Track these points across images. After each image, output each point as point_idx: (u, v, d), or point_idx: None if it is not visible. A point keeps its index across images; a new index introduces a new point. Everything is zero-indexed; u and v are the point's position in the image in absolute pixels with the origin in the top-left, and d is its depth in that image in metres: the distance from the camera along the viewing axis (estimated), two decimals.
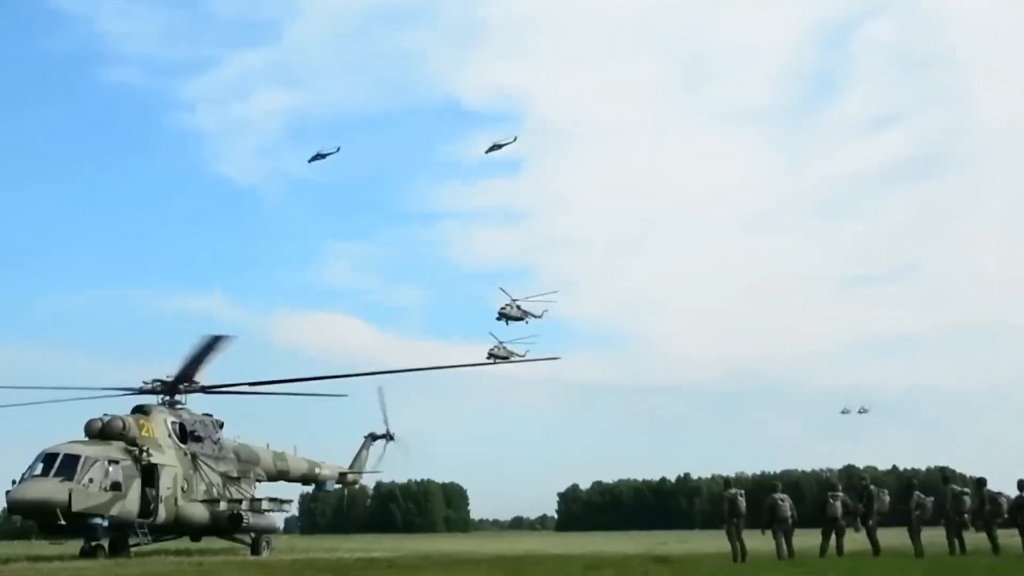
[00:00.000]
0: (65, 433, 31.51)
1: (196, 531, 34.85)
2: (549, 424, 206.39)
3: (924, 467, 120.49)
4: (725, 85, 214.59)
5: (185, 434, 33.94)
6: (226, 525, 33.96)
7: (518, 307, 42.76)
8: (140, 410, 33.50)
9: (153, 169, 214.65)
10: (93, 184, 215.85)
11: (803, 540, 25.89)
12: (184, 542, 36.23)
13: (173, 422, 33.79)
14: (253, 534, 34.77)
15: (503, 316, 42.85)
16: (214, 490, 34.40)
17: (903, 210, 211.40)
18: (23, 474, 29.23)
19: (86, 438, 31.16)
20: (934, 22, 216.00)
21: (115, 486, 29.99)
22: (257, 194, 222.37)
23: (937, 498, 25.47)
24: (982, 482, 25.77)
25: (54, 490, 28.45)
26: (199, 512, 33.45)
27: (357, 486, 54.23)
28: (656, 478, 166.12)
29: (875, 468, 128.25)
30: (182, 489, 32.81)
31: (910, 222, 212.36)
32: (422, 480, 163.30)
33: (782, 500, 24.50)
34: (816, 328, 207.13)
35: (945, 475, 29.72)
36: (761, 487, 63.92)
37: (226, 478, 35.35)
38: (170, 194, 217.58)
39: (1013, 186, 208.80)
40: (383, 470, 48.48)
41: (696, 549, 33.29)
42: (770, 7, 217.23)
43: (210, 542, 36.80)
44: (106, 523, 29.82)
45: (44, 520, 29.50)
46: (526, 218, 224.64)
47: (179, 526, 33.57)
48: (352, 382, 38.68)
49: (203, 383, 35.59)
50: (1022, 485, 24.07)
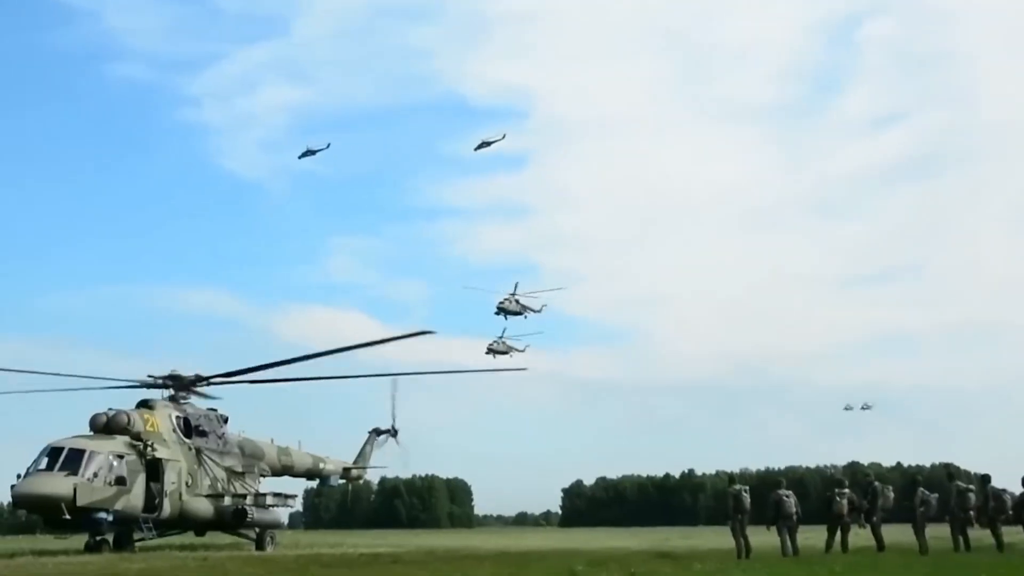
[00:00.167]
0: (70, 428, 31.64)
1: (200, 526, 34.92)
2: (553, 420, 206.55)
3: (928, 464, 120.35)
4: (727, 83, 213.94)
5: (189, 429, 33.98)
6: (230, 520, 34.00)
7: (517, 301, 42.64)
8: (145, 405, 33.53)
9: (157, 165, 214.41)
10: (97, 180, 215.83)
11: (807, 536, 25.89)
12: (189, 537, 36.32)
13: (177, 417, 33.82)
14: (257, 529, 34.80)
15: (501, 311, 42.70)
16: (218, 485, 34.43)
17: (905, 209, 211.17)
18: (28, 468, 29.27)
19: (91, 433, 31.20)
20: (936, 20, 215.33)
21: (120, 481, 30.03)
22: (261, 189, 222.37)
23: (941, 495, 25.45)
24: (986, 479, 25.73)
25: (59, 485, 28.48)
26: (203, 507, 33.50)
27: (361, 481, 54.32)
28: (660, 474, 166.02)
29: (879, 465, 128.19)
30: (186, 484, 32.85)
31: (912, 221, 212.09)
32: (426, 475, 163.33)
33: (787, 496, 24.53)
34: (819, 326, 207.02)
35: (950, 472, 29.71)
36: (765, 483, 63.83)
37: (230, 473, 35.39)
38: (174, 189, 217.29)
39: (1014, 185, 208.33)
40: (387, 465, 48.56)
41: (700, 545, 33.29)
42: (773, 5, 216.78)
43: (214, 537, 36.86)
44: (111, 518, 29.86)
45: (49, 514, 29.57)
46: (529, 214, 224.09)
47: (183, 521, 33.64)
48: (353, 381, 38.52)
49: (205, 376, 35.62)
50: None
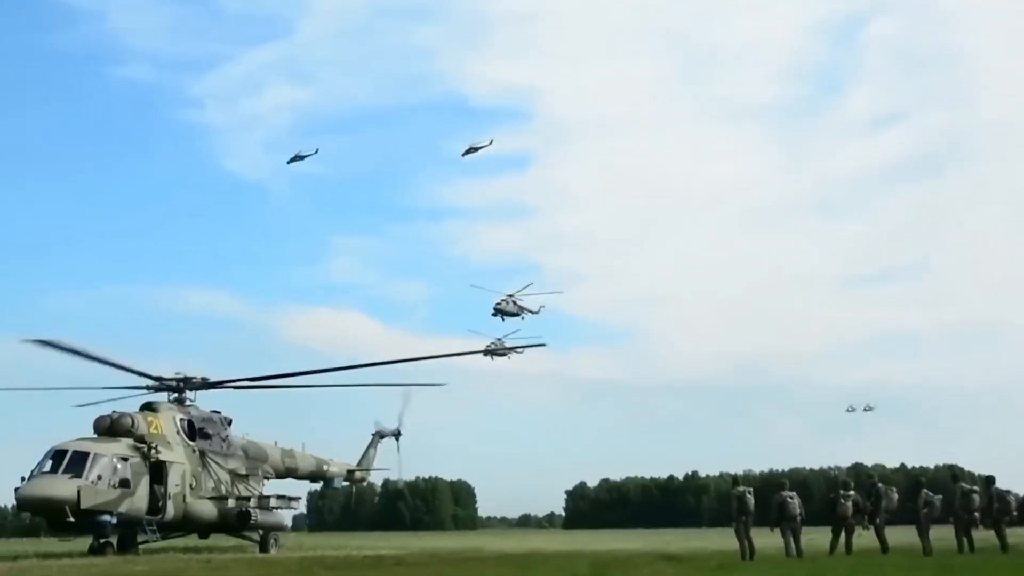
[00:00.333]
0: (74, 430, 31.66)
1: (204, 528, 34.90)
2: (557, 422, 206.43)
3: (932, 465, 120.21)
4: (728, 83, 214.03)
5: (193, 431, 33.99)
6: (234, 522, 33.98)
7: (514, 302, 42.28)
8: (149, 407, 33.54)
9: (159, 165, 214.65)
10: (100, 180, 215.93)
11: (811, 538, 25.87)
12: (192, 539, 36.31)
13: (181, 419, 33.82)
14: (261, 531, 34.81)
15: (499, 312, 42.36)
16: (222, 487, 34.43)
17: (906, 209, 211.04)
18: (32, 471, 29.24)
19: (95, 435, 31.20)
20: (937, 20, 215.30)
21: (124, 483, 30.00)
22: (264, 189, 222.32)
23: (946, 496, 25.44)
24: (991, 480, 25.72)
25: (63, 487, 28.45)
26: (207, 509, 33.49)
27: (365, 483, 54.32)
28: (664, 476, 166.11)
29: (883, 466, 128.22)
30: (190, 486, 32.83)
31: (913, 221, 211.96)
32: (430, 478, 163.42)
33: (791, 498, 24.50)
34: (820, 326, 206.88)
35: (954, 473, 29.72)
36: (769, 485, 63.73)
37: (234, 475, 35.38)
38: (176, 190, 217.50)
39: (1016, 185, 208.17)
40: (390, 467, 48.56)
41: (704, 547, 33.28)
42: (773, 5, 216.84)
43: (218, 539, 36.87)
44: (115, 520, 29.81)
45: (53, 517, 29.56)
46: (530, 215, 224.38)
47: (187, 523, 33.62)
48: (357, 377, 38.48)
49: (211, 379, 35.72)
50: None
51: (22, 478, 29.28)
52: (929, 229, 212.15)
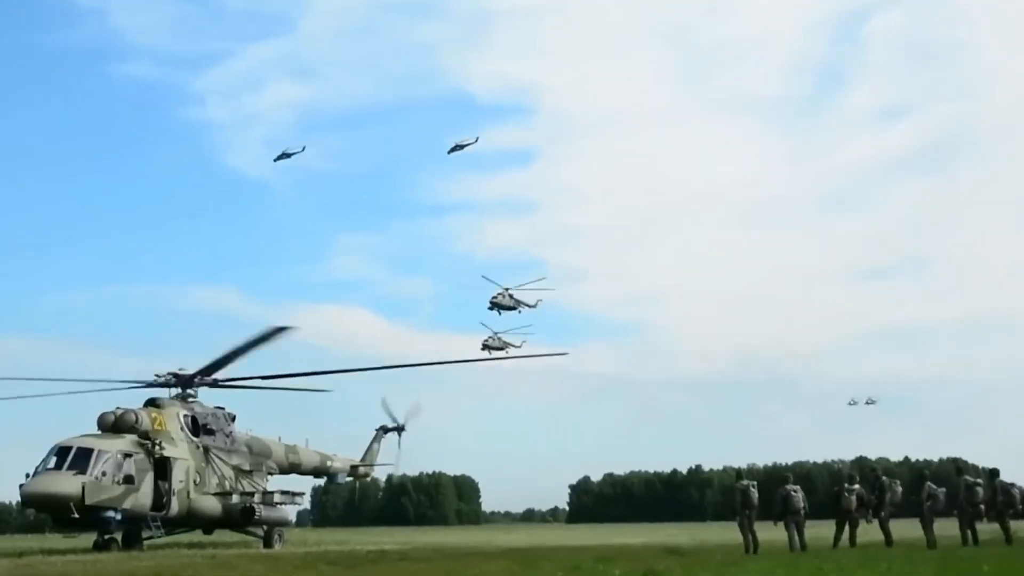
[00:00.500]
0: (78, 426, 31.71)
1: (209, 524, 34.94)
2: (560, 416, 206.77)
3: (936, 458, 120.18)
4: (733, 77, 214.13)
5: (197, 427, 34.01)
6: (238, 518, 34.01)
7: (510, 296, 42.10)
8: (153, 403, 33.57)
9: (162, 163, 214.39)
10: (102, 178, 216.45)
11: (815, 531, 25.87)
12: (197, 535, 36.35)
13: (185, 415, 33.85)
14: (265, 527, 34.84)
15: (495, 306, 42.17)
16: (226, 483, 34.45)
17: (912, 202, 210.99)
18: (36, 467, 29.29)
19: (99, 431, 31.25)
20: (943, 12, 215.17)
21: (128, 479, 30.05)
22: (267, 186, 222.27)
23: (950, 489, 25.41)
24: (995, 473, 25.71)
25: (67, 483, 28.50)
26: (211, 505, 33.53)
27: (369, 479, 54.33)
28: (667, 470, 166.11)
29: (887, 459, 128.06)
30: (195, 482, 32.86)
31: (919, 214, 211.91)
32: (433, 473, 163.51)
33: (795, 492, 24.50)
34: (826, 320, 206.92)
35: (958, 466, 29.68)
36: (773, 478, 63.94)
37: (238, 471, 35.40)
38: (179, 187, 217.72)
39: (1021, 178, 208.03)
40: (395, 463, 48.56)
41: (708, 541, 33.30)
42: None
43: (222, 535, 36.93)
44: (119, 516, 29.86)
45: (57, 513, 29.61)
46: (535, 210, 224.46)
47: (192, 519, 33.64)
48: (360, 375, 38.56)
49: (216, 377, 35.73)
50: None
51: (27, 474, 29.35)
52: (936, 222, 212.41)
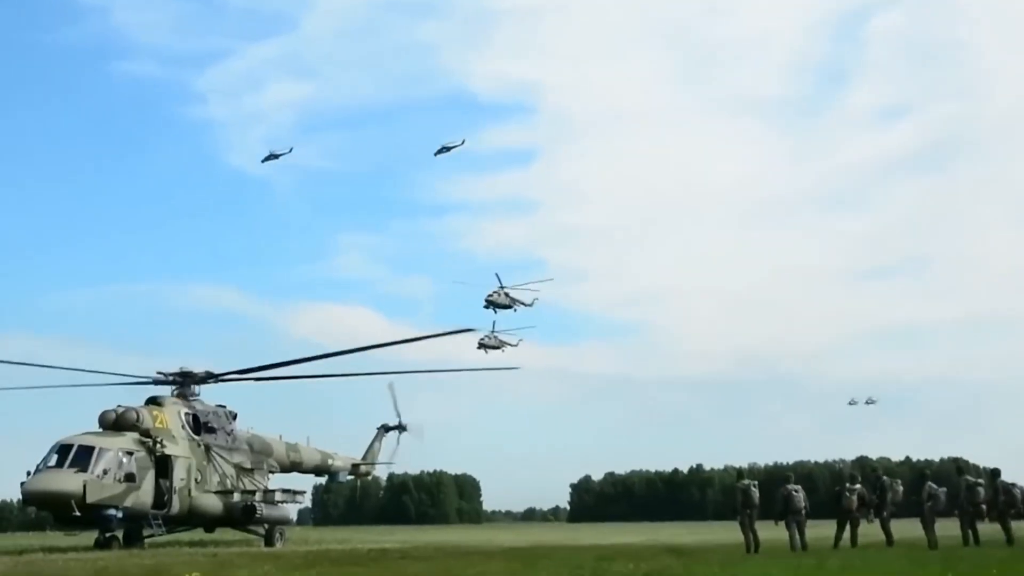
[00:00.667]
0: (79, 424, 31.71)
1: (210, 522, 34.95)
2: (561, 415, 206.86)
3: (937, 458, 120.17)
4: (734, 77, 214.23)
5: (199, 425, 34.02)
6: (240, 516, 34.02)
7: (506, 294, 41.94)
8: (154, 401, 33.58)
9: (164, 161, 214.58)
10: (103, 177, 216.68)
11: (816, 531, 25.85)
12: (198, 533, 36.38)
13: (187, 413, 33.86)
14: (266, 525, 34.85)
15: (490, 304, 42.02)
16: (227, 481, 34.47)
17: (912, 202, 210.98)
18: (38, 465, 29.29)
19: (100, 429, 31.26)
20: (943, 12, 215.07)
21: (129, 477, 30.07)
22: (268, 185, 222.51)
23: (951, 489, 25.38)
24: (996, 473, 25.67)
25: (68, 481, 28.52)
26: (213, 503, 33.54)
27: (370, 477, 54.31)
28: (668, 469, 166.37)
29: (888, 459, 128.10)
30: (196, 480, 32.88)
31: (920, 214, 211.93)
32: (435, 471, 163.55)
33: (796, 491, 24.47)
34: (827, 320, 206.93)
35: (959, 466, 29.64)
36: (774, 478, 63.97)
37: (239, 469, 35.42)
38: (181, 186, 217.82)
39: (1022, 178, 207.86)
40: (396, 461, 48.55)
41: (709, 540, 33.28)
42: None
43: (223, 533, 36.96)
44: (120, 514, 29.88)
45: (59, 511, 29.61)
46: (536, 210, 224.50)
47: (193, 517, 33.66)
48: (358, 365, 38.43)
49: (215, 373, 35.76)
50: None
51: (28, 472, 29.35)
52: (934, 223, 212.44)
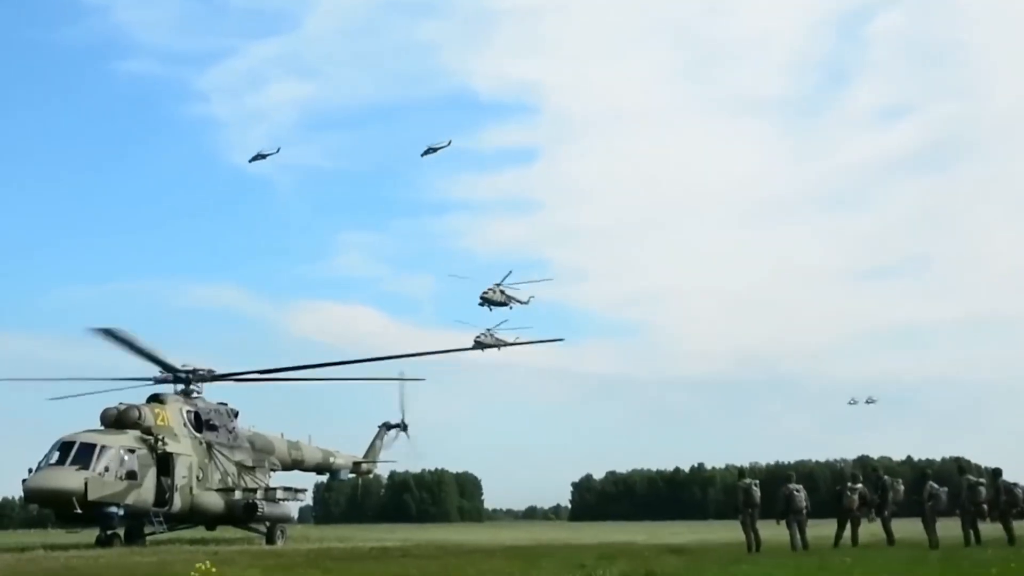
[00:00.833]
0: (81, 422, 31.74)
1: (211, 520, 35.00)
2: (562, 414, 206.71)
3: (939, 458, 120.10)
4: (736, 76, 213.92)
5: (200, 423, 34.06)
6: (241, 514, 34.05)
7: (501, 291, 41.65)
8: (156, 399, 33.63)
9: (165, 160, 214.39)
10: (105, 176, 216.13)
11: (817, 530, 25.84)
12: (199, 531, 36.41)
13: (188, 411, 33.90)
14: (268, 523, 34.88)
15: (485, 301, 41.81)
16: (229, 479, 34.51)
17: (913, 202, 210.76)
18: (39, 463, 29.35)
19: (102, 427, 31.30)
20: (945, 12, 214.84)
21: (131, 475, 30.11)
22: (270, 184, 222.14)
23: (952, 488, 25.35)
24: (998, 472, 25.64)
25: (70, 479, 28.55)
26: (214, 501, 33.57)
27: (371, 475, 54.40)
28: (670, 468, 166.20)
29: (889, 459, 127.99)
30: (197, 478, 32.92)
31: (920, 214, 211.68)
32: (436, 470, 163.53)
33: (797, 491, 24.46)
34: (828, 320, 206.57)
35: (961, 465, 29.58)
36: (775, 477, 63.92)
37: (241, 467, 35.46)
38: (182, 185, 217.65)
39: (1023, 178, 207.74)
40: (397, 459, 48.63)
41: (710, 539, 33.27)
42: None
43: (225, 531, 36.97)
44: (122, 512, 29.94)
45: (60, 509, 29.65)
46: (538, 209, 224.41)
47: (194, 515, 33.69)
48: (363, 372, 38.51)
49: (217, 371, 35.81)
50: None
51: (29, 470, 29.39)
52: (934, 223, 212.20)
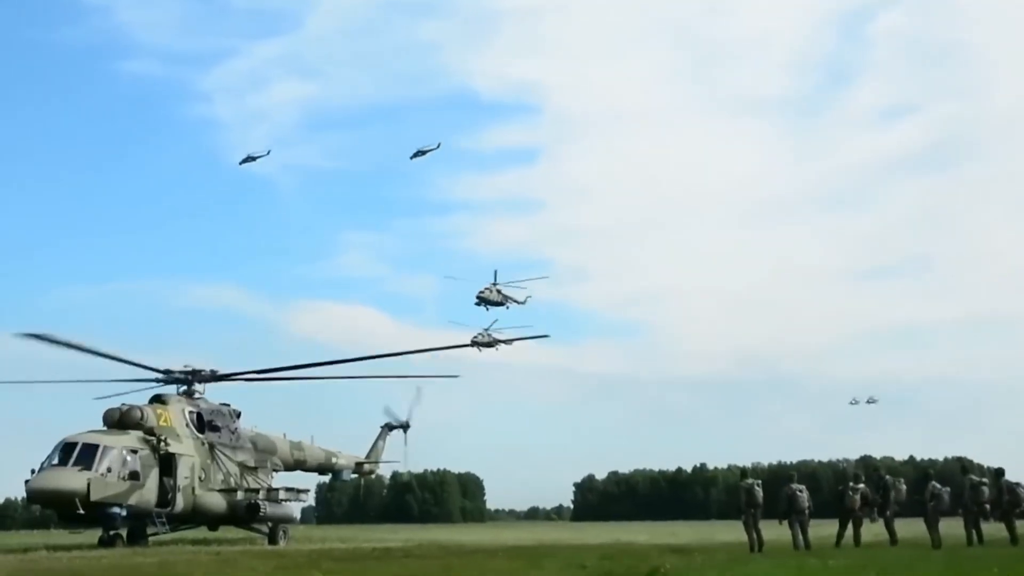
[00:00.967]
0: (83, 422, 31.76)
1: (213, 520, 35.03)
2: (564, 414, 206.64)
3: (941, 457, 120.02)
4: (737, 76, 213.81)
5: (203, 423, 34.08)
6: (243, 515, 34.08)
7: (498, 291, 41.51)
8: (158, 400, 33.66)
9: (167, 160, 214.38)
10: (106, 176, 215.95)
11: (819, 530, 25.84)
12: (202, 531, 36.43)
13: (191, 412, 33.92)
14: (270, 524, 34.90)
15: (482, 301, 41.67)
16: (231, 479, 34.53)
17: (914, 201, 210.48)
18: (42, 463, 29.36)
19: (104, 428, 31.32)
20: (947, 12, 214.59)
21: (133, 475, 30.14)
22: (272, 184, 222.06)
23: (955, 488, 25.36)
24: (1001, 472, 25.66)
25: (73, 479, 28.57)
26: (216, 501, 33.59)
27: (374, 476, 54.39)
28: (672, 468, 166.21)
29: (892, 458, 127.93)
30: (200, 478, 32.94)
31: (921, 214, 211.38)
32: (438, 470, 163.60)
33: (800, 491, 24.45)
34: (829, 320, 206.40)
35: (963, 465, 29.61)
36: (777, 477, 63.85)
37: (243, 468, 35.47)
38: (184, 185, 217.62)
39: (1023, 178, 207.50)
40: (399, 460, 48.62)
41: (712, 539, 33.26)
42: None
43: (227, 531, 36.98)
44: (124, 512, 29.95)
45: (63, 509, 29.68)
46: (540, 209, 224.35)
47: (197, 515, 33.72)
48: (364, 370, 38.47)
49: (219, 372, 35.83)
50: None
51: (32, 471, 29.41)
52: (935, 223, 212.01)
